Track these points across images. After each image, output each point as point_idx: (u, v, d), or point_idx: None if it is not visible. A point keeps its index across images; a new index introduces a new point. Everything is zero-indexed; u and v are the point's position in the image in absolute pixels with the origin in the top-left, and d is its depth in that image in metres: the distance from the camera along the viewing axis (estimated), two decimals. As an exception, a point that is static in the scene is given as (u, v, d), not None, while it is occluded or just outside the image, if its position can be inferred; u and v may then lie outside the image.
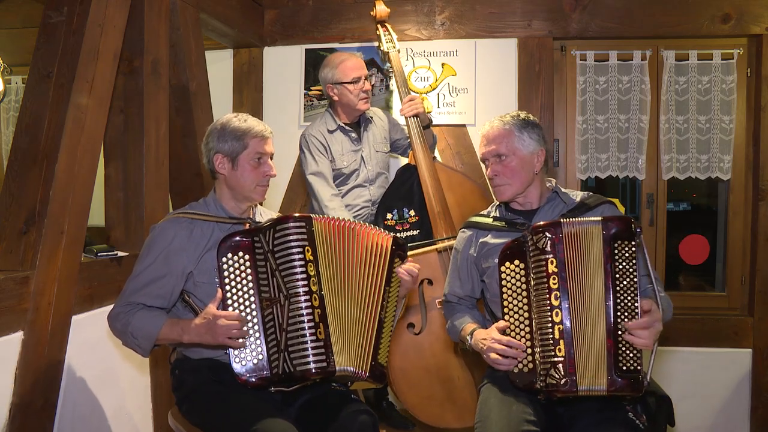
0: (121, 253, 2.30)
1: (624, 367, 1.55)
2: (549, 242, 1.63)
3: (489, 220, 1.94)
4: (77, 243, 2.03)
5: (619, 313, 1.57)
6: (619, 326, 1.57)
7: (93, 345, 2.15)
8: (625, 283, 1.58)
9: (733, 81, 3.14)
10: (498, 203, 1.98)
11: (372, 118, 2.83)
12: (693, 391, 3.11)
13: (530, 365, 1.65)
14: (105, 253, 2.23)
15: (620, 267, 1.59)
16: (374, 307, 1.72)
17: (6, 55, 3.48)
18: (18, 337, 1.81)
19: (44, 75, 1.95)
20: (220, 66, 3.45)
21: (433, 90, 3.32)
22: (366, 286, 1.73)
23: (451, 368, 2.55)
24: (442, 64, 3.32)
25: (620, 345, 1.56)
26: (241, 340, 1.63)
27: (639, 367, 1.55)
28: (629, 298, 1.57)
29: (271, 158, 1.86)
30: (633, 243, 1.59)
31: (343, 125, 2.74)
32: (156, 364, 2.45)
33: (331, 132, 2.73)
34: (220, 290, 1.66)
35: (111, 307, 1.78)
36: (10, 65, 3.51)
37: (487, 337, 1.72)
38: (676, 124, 3.19)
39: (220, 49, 3.46)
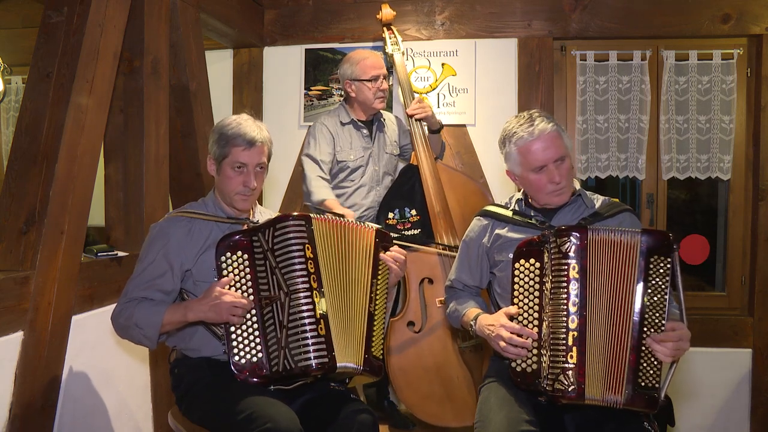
0: (121, 253, 2.30)
1: (643, 383, 1.53)
2: (573, 247, 1.60)
3: (508, 213, 1.89)
4: (77, 243, 2.02)
5: (645, 329, 1.55)
6: (644, 341, 1.54)
7: (93, 345, 2.15)
8: (655, 299, 1.55)
9: (733, 81, 3.14)
10: (519, 197, 1.93)
11: (384, 120, 2.87)
12: (693, 391, 3.11)
13: (534, 366, 1.63)
14: (105, 253, 2.23)
15: (653, 282, 1.56)
16: (364, 301, 1.73)
17: (6, 55, 3.48)
18: (18, 337, 1.80)
19: (44, 75, 1.95)
20: (220, 66, 3.45)
21: (433, 90, 3.32)
22: (356, 280, 1.73)
23: (451, 367, 2.55)
24: (442, 64, 3.32)
25: (642, 360, 1.53)
26: (243, 316, 1.65)
27: (657, 385, 1.53)
28: (657, 314, 1.55)
29: (261, 167, 1.82)
30: (669, 259, 1.57)
31: (356, 120, 2.77)
32: (156, 363, 2.45)
33: (343, 125, 2.76)
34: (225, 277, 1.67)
35: (111, 307, 1.78)
36: (10, 65, 3.51)
37: (495, 323, 1.69)
38: (676, 124, 3.19)
39: (220, 49, 3.46)
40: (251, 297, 1.67)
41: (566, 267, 1.60)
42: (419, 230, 2.69)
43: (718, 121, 3.17)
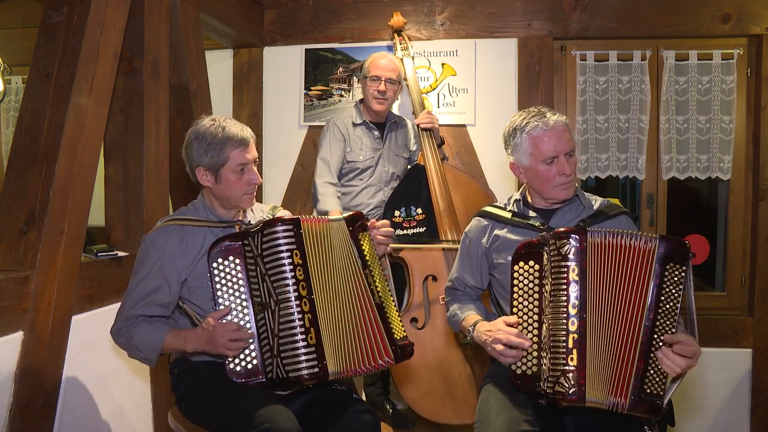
0: (121, 253, 2.30)
1: (648, 390, 1.52)
2: (573, 249, 1.59)
3: (507, 215, 1.88)
4: (77, 243, 2.02)
5: (656, 335, 1.53)
6: (653, 348, 1.53)
7: (93, 345, 2.15)
8: (668, 306, 1.54)
9: (733, 81, 3.14)
10: (517, 197, 1.92)
11: (400, 123, 2.92)
12: (693, 391, 3.11)
13: (534, 368, 1.62)
14: (105, 253, 2.23)
15: (667, 289, 1.55)
16: (365, 297, 1.70)
17: (6, 55, 3.47)
18: (18, 337, 1.81)
19: (44, 75, 1.95)
20: (220, 66, 3.45)
21: (433, 90, 3.32)
22: (347, 279, 1.70)
23: (452, 364, 2.55)
24: (442, 64, 3.32)
25: (650, 368, 1.52)
26: (239, 349, 1.64)
27: (662, 392, 1.52)
28: (669, 322, 1.54)
29: (256, 162, 1.80)
30: (684, 267, 1.56)
31: (368, 122, 2.82)
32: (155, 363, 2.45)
33: (355, 125, 2.81)
34: (223, 305, 1.66)
35: (111, 307, 1.78)
36: (10, 65, 3.50)
37: (492, 329, 1.69)
38: (676, 124, 3.19)
39: (220, 49, 3.46)
40: (245, 303, 1.67)
41: (566, 269, 1.59)
42: (424, 228, 2.72)
43: (718, 121, 3.17)
